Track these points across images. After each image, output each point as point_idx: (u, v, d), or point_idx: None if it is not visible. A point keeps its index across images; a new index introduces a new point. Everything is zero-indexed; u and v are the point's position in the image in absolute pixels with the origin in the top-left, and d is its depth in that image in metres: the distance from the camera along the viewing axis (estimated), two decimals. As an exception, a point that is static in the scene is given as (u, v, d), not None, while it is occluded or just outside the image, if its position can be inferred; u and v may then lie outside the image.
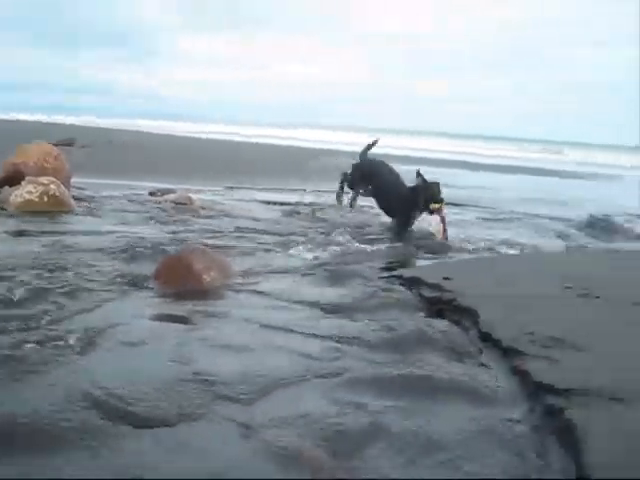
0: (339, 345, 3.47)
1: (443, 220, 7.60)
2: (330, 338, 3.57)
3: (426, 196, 7.62)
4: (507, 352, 3.23)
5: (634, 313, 4.03)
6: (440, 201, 7.57)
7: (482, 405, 2.78)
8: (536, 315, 3.86)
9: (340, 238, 6.89)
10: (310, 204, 9.61)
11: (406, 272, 5.02)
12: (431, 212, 7.63)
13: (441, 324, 3.81)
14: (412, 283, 4.69)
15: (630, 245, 7.96)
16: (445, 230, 7.57)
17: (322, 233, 7.13)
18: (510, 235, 8.06)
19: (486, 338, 3.51)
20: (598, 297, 4.36)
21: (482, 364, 3.25)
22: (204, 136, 30.52)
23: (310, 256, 5.96)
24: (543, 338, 3.36)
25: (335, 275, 5.03)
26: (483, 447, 2.41)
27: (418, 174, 7.77)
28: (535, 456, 2.35)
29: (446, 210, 7.74)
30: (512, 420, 2.62)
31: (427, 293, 4.43)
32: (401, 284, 4.75)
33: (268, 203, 9.44)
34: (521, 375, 2.94)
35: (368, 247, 6.56)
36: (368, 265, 5.58)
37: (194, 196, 8.80)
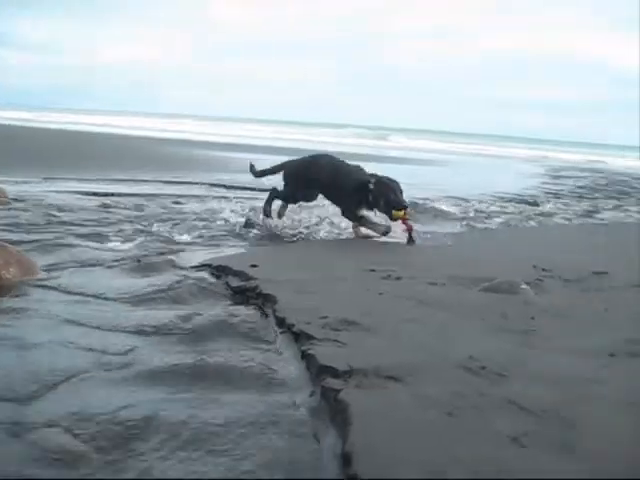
0: (135, 337, 3.42)
1: (409, 230, 6.52)
2: (127, 330, 3.51)
3: (384, 195, 6.62)
4: (298, 337, 3.28)
5: (428, 292, 4.20)
6: (402, 208, 6.50)
7: (268, 391, 2.80)
8: (335, 298, 3.95)
9: (159, 229, 6.81)
10: (134, 194, 9.41)
11: (215, 261, 5.01)
12: (393, 218, 6.58)
13: (243, 312, 3.82)
14: (220, 271, 4.69)
15: (445, 228, 8.24)
16: (409, 238, 6.51)
17: (141, 224, 7.01)
18: (335, 220, 8.11)
19: (282, 323, 3.55)
20: (399, 278, 4.52)
21: (276, 350, 3.29)
22: (23, 124, 29.24)
23: (124, 247, 5.85)
24: (336, 321, 3.43)
25: (145, 266, 4.95)
26: (260, 433, 2.42)
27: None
28: (309, 438, 2.40)
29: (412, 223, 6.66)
30: (293, 404, 2.66)
31: (233, 281, 4.45)
32: (211, 273, 4.74)
33: (87, 194, 9.14)
34: (307, 359, 2.98)
35: (186, 237, 6.51)
36: (183, 255, 5.54)
37: (5, 187, 8.41)
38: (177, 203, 8.93)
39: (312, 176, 7.19)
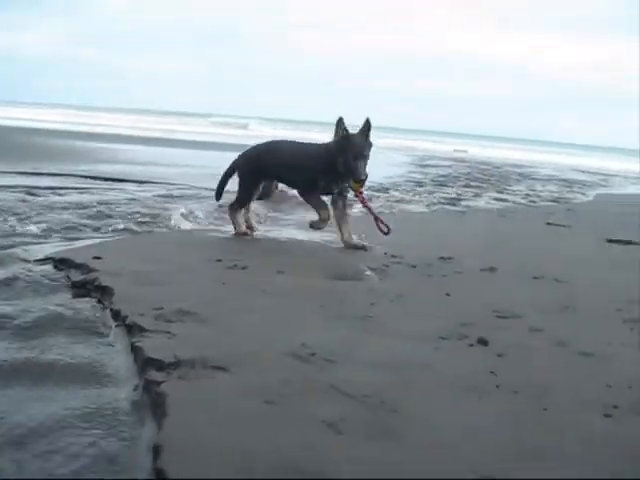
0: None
1: (364, 205, 5.80)
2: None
3: (344, 154, 5.49)
4: (131, 329, 3.21)
5: (273, 281, 4.20)
6: (358, 180, 5.55)
7: (95, 386, 2.73)
8: (175, 289, 3.89)
9: (7, 221, 6.56)
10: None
11: (60, 253, 4.84)
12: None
13: (81, 305, 3.71)
14: (62, 264, 4.54)
15: (306, 216, 8.20)
16: (376, 220, 5.79)
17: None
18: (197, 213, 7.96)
19: (117, 316, 3.46)
20: (245, 268, 4.49)
21: (109, 343, 3.21)
22: None
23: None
24: (171, 312, 3.37)
25: (-14, 259, 4.75)
26: (81, 429, 2.35)
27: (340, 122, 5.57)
28: (129, 433, 2.34)
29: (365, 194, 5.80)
30: (118, 399, 2.60)
31: (75, 274, 4.31)
32: (55, 266, 4.58)
33: None
34: (135, 352, 2.92)
35: (36, 229, 6.30)
36: (29, 248, 5.33)
37: None
38: (32, 195, 8.61)
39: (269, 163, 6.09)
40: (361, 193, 5.64)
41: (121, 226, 6.77)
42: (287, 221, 7.59)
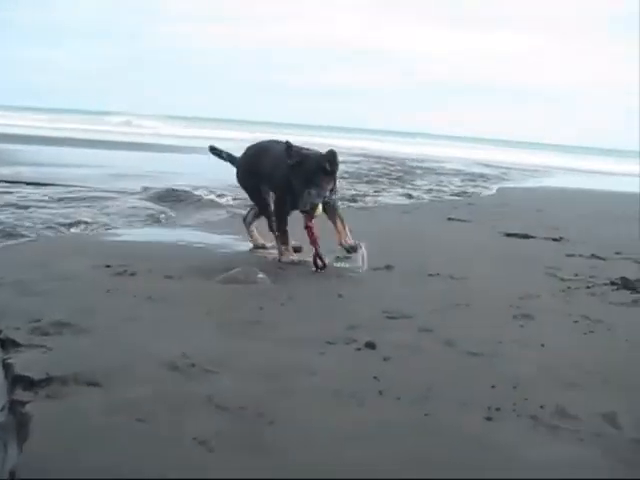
0: None
1: (309, 233, 5.01)
2: None
3: (298, 179, 4.97)
4: (4, 344, 3.06)
5: (161, 287, 4.10)
6: (301, 210, 5.03)
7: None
8: (56, 299, 3.74)
9: None
10: None
11: None
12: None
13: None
14: None
15: (210, 217, 8.07)
16: (316, 252, 4.98)
17: None
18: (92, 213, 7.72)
19: (-9, 331, 3.30)
20: (134, 274, 4.38)
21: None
22: None
23: None
24: (49, 325, 3.24)
25: None
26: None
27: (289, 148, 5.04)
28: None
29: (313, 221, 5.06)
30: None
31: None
32: None
33: None
34: (6, 369, 2.79)
35: None
36: None
37: None
38: None
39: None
40: (310, 228, 5.01)
41: (10, 231, 6.50)
42: (187, 222, 7.46)
